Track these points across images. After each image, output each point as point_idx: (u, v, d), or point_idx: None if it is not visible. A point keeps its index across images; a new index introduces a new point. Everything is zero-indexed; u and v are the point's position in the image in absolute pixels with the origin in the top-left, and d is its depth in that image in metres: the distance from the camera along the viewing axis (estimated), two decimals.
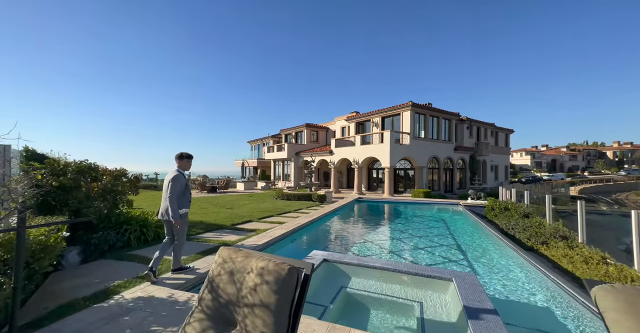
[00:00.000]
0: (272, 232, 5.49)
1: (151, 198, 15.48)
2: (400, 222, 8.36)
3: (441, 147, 18.04)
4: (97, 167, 4.71)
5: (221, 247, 1.41)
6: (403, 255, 5.02)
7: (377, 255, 5.07)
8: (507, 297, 3.47)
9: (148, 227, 5.00)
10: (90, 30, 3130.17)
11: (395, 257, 4.90)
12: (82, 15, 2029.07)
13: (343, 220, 8.64)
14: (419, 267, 3.48)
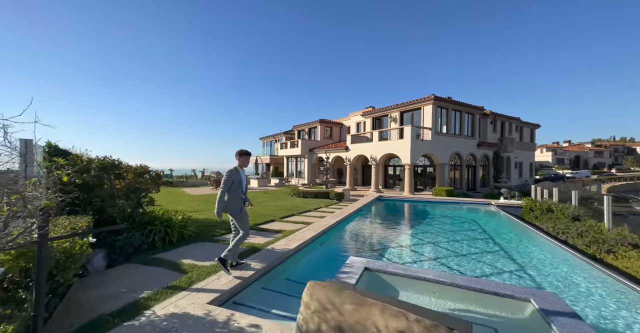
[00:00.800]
0: (301, 234, 5.12)
1: (168, 194, 15.53)
2: (430, 224, 7.82)
3: (464, 143, 17.16)
4: (121, 163, 4.46)
5: (309, 283, 1.00)
6: (446, 263, 4.54)
7: (417, 262, 4.61)
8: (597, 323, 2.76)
9: (172, 227, 4.74)
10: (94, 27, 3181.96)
11: (438, 266, 4.42)
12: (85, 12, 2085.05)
13: (369, 220, 8.18)
14: (483, 282, 3.00)
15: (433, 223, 7.82)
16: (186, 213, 8.48)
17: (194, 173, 30.51)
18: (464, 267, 4.33)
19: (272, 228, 6.10)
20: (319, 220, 6.97)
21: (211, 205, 10.41)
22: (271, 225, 6.59)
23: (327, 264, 4.53)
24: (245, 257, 3.87)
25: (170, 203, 11.46)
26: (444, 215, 9.16)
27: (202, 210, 9.05)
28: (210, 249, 4.42)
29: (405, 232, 6.79)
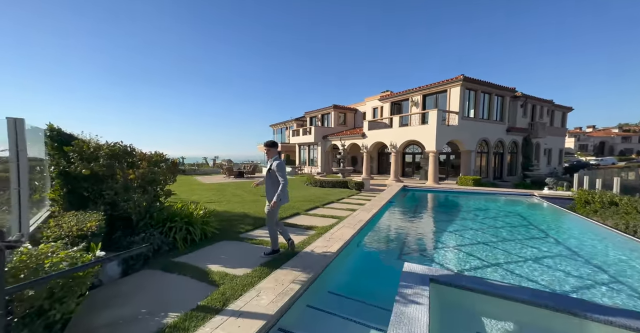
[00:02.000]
0: (338, 232, 4.46)
1: (181, 183, 15.17)
2: (470, 218, 7.04)
3: (492, 128, 15.87)
4: (134, 150, 3.81)
5: None
6: (513, 270, 3.81)
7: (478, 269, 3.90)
8: None
9: (194, 224, 4.16)
10: None
11: (508, 275, 3.70)
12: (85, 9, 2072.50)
13: (402, 214, 7.44)
14: (615, 310, 2.25)
15: (473, 218, 7.03)
16: (203, 205, 8.08)
17: (206, 161, 30.31)
18: (539, 278, 3.60)
19: (301, 223, 5.48)
20: (349, 214, 6.31)
21: (227, 195, 9.92)
22: (298, 219, 5.97)
23: (376, 271, 3.89)
24: (283, 263, 3.25)
25: (184, 193, 11.06)
26: (481, 208, 8.34)
27: (219, 201, 8.55)
28: (238, 250, 3.83)
29: (447, 229, 6.05)
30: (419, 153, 18.94)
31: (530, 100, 18.01)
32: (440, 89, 15.21)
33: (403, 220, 6.82)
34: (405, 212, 7.78)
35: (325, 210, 7.23)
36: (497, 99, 16.08)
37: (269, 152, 3.50)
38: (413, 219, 6.97)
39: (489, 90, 15.33)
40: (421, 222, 6.79)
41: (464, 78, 13.71)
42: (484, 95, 15.41)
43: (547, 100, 19.16)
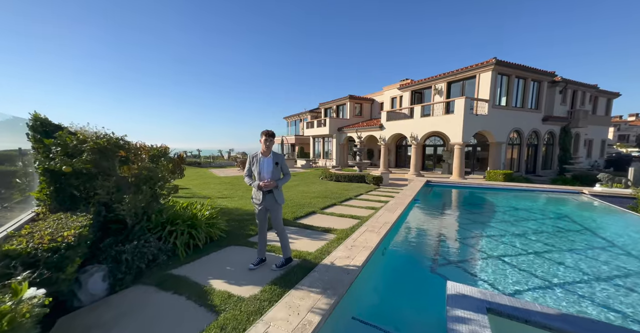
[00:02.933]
0: (361, 238, 3.83)
1: (196, 175, 15.10)
2: (510, 221, 6.16)
3: (526, 118, 14.35)
4: (127, 143, 3.32)
5: None
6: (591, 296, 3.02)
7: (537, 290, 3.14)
8: None
9: (198, 227, 3.68)
10: None
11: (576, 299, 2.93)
12: None
13: (430, 215, 6.64)
14: None
15: (514, 221, 6.14)
16: (214, 201, 7.69)
17: (221, 154, 30.52)
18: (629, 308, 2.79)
19: (317, 224, 4.90)
20: (370, 214, 5.64)
21: (240, 190, 9.54)
22: (314, 219, 5.39)
23: (408, 288, 3.23)
24: (299, 281, 2.67)
25: (198, 186, 10.84)
26: (520, 208, 7.37)
27: (231, 197, 8.15)
28: (247, 258, 3.31)
29: (485, 233, 5.25)
30: (441, 145, 17.72)
31: (571, 86, 16.11)
32: (467, 74, 13.83)
33: (432, 221, 6.06)
34: (433, 212, 6.99)
35: (343, 208, 6.60)
36: (533, 85, 14.45)
37: (271, 144, 3.00)
38: (443, 221, 6.18)
39: (524, 75, 13.75)
40: (453, 224, 6.00)
41: (496, 61, 12.30)
42: (518, 80, 13.86)
43: (590, 85, 17.09)
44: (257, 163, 2.98)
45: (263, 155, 2.99)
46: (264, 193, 2.97)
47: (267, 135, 2.93)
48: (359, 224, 4.82)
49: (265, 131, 2.97)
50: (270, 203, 3.02)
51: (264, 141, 2.94)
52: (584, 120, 15.95)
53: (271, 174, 2.95)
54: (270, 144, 2.99)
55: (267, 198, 3.00)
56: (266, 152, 2.99)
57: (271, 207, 3.03)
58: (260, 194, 2.98)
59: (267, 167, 2.97)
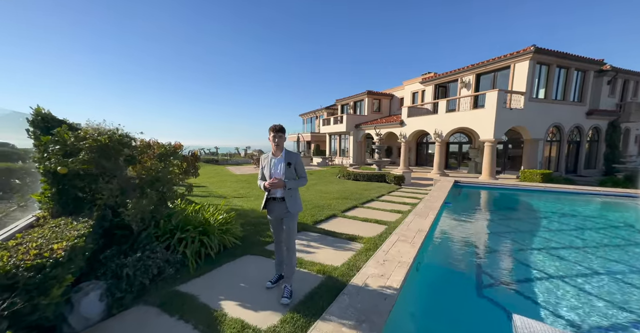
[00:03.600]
0: (394, 250, 3.29)
1: (213, 173, 15.08)
2: (559, 229, 5.35)
3: (568, 111, 12.94)
4: (132, 140, 2.98)
5: None
6: None
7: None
8: None
9: (210, 233, 3.31)
10: None
11: None
12: None
13: (465, 221, 5.87)
14: None
15: (567, 230, 5.30)
16: (230, 200, 7.41)
17: (237, 152, 30.82)
18: None
19: (340, 230, 4.40)
20: (397, 218, 5.07)
21: (256, 190, 9.24)
22: (335, 224, 4.91)
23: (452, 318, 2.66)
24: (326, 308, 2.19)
25: (214, 184, 10.72)
26: (569, 214, 6.46)
27: (247, 196, 7.85)
28: (264, 272, 2.89)
29: (535, 245, 4.51)
30: (466, 142, 16.56)
31: (622, 75, 14.33)
32: (500, 65, 12.64)
33: (468, 229, 5.37)
34: (469, 218, 6.26)
35: (366, 211, 6.06)
36: (577, 75, 12.97)
37: (281, 141, 2.51)
38: (481, 228, 5.48)
39: (567, 64, 12.34)
40: (493, 233, 5.27)
41: (535, 49, 11.07)
42: (559, 70, 12.47)
43: None
44: (267, 165, 2.53)
45: (274, 156, 2.52)
46: (273, 200, 2.50)
47: (275, 131, 2.43)
48: (387, 232, 4.27)
49: (273, 126, 2.46)
50: (281, 212, 2.49)
51: (272, 138, 2.46)
52: (637, 113, 14.15)
53: (283, 177, 2.48)
54: (281, 141, 2.48)
55: (277, 207, 2.49)
56: (277, 151, 2.51)
57: (284, 216, 2.52)
58: (269, 199, 2.51)
59: (278, 169, 2.49)
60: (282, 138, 2.48)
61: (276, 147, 2.47)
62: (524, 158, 12.68)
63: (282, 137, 2.49)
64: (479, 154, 15.41)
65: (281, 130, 2.48)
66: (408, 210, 5.99)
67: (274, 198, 2.49)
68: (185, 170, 5.10)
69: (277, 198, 2.48)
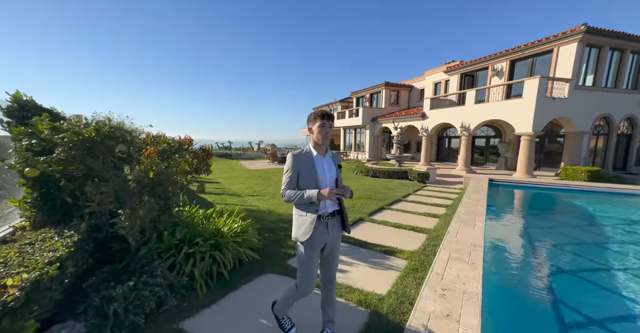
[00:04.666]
0: (451, 272, 2.58)
1: (227, 168, 14.71)
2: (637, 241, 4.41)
3: (619, 100, 11.44)
4: (127, 133, 2.39)
5: None
6: None
7: None
8: None
9: (223, 247, 2.74)
10: None
11: None
12: None
13: (522, 230, 4.94)
14: None
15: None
16: (244, 199, 6.87)
17: (251, 146, 30.60)
18: None
19: (372, 239, 3.73)
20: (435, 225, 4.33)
21: (271, 187, 8.71)
22: (365, 230, 4.24)
23: None
24: None
25: (228, 180, 10.31)
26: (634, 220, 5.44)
27: (262, 194, 7.32)
28: None
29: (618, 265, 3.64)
30: (493, 136, 15.28)
31: None
32: (540, 49, 11.28)
33: (529, 241, 4.52)
34: (521, 225, 5.38)
35: (395, 214, 5.35)
36: (633, 58, 11.37)
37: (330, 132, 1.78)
38: (541, 240, 4.63)
39: (622, 46, 10.81)
40: (559, 247, 4.38)
41: (587, 29, 9.68)
42: (612, 53, 10.96)
43: None
44: (310, 167, 1.72)
45: (319, 153, 1.77)
46: (323, 219, 1.70)
47: (327, 118, 1.69)
48: (430, 243, 3.55)
49: (321, 112, 1.71)
50: (334, 235, 1.78)
51: (319, 129, 1.68)
52: None
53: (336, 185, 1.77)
54: (330, 132, 1.76)
55: (330, 228, 1.74)
56: (322, 147, 1.78)
57: (335, 240, 1.80)
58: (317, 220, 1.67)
59: (329, 172, 1.76)
60: (331, 129, 1.74)
61: (324, 140, 1.72)
62: (565, 153, 11.38)
63: (332, 127, 1.75)
64: (510, 149, 14.14)
65: (332, 117, 1.74)
66: (445, 215, 5.23)
67: (324, 216, 1.70)
68: (196, 168, 4.56)
69: (328, 215, 1.72)
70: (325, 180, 1.72)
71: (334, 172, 1.78)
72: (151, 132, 3.51)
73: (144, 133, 3.00)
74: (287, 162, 1.75)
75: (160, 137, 3.19)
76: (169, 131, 3.44)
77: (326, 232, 1.73)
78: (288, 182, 1.72)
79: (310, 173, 1.70)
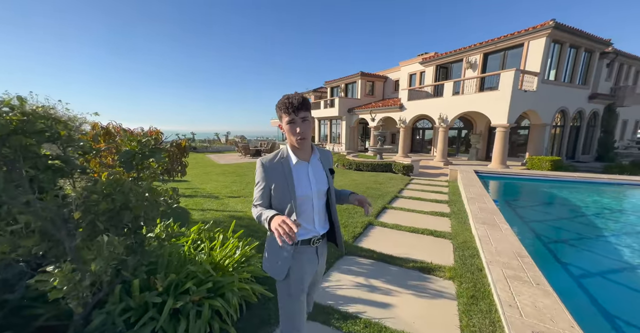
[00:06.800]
0: (523, 301, 2.11)
1: (194, 163, 12.93)
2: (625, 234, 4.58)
3: (573, 95, 12.53)
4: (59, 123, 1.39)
5: None
6: None
7: None
8: None
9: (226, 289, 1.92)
10: None
11: None
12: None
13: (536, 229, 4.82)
14: None
15: (629, 233, 4.56)
16: (224, 203, 5.38)
17: (218, 138, 28.22)
18: None
19: (397, 252, 3.18)
20: (451, 226, 3.96)
21: (251, 182, 7.71)
22: (380, 238, 3.68)
23: None
24: None
25: (198, 178, 8.98)
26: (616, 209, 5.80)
27: (244, 195, 6.36)
28: None
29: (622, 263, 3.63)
30: (463, 128, 15.97)
31: (620, 58, 14.13)
32: (512, 43, 11.70)
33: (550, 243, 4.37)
34: (537, 222, 5.30)
35: (402, 215, 4.92)
36: (585, 56, 12.44)
37: (309, 127, 1.25)
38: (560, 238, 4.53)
39: (579, 43, 11.70)
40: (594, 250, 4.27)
41: (555, 25, 10.17)
42: (570, 50, 11.82)
43: (638, 57, 15.13)
44: (286, 179, 1.24)
45: (300, 159, 1.28)
46: (312, 243, 1.30)
47: (296, 110, 1.16)
48: (465, 254, 3.12)
49: (287, 101, 1.16)
50: (323, 260, 1.44)
51: (289, 126, 1.19)
52: (631, 98, 14.21)
53: (325, 203, 1.37)
54: (308, 129, 1.21)
55: (322, 253, 1.40)
56: (302, 149, 1.27)
57: (322, 269, 1.48)
58: (302, 246, 1.28)
59: (317, 183, 1.30)
60: (309, 122, 1.21)
61: (300, 142, 1.21)
62: (530, 144, 12.22)
63: (309, 118, 1.21)
64: (480, 140, 14.90)
65: (302, 104, 1.17)
66: (453, 213, 4.94)
67: (314, 239, 1.30)
68: (168, 169, 3.50)
69: (320, 238, 1.33)
70: (310, 196, 1.27)
71: (324, 181, 1.33)
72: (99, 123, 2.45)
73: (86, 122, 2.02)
74: (256, 171, 1.30)
75: (123, 131, 2.17)
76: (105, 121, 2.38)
77: (315, 260, 1.34)
78: (258, 197, 1.28)
79: (286, 188, 1.23)
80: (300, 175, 1.27)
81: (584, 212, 5.75)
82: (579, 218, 5.46)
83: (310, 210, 1.29)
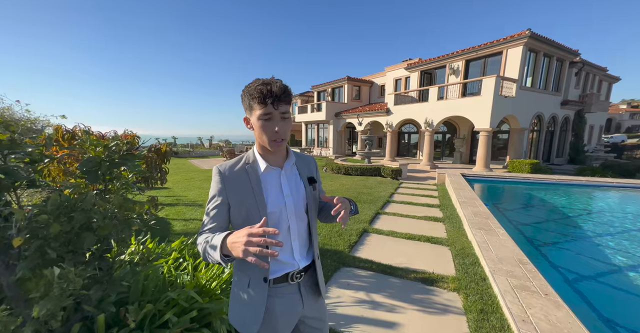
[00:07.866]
0: (535, 315, 2.01)
1: (175, 168, 12.26)
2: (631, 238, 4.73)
3: (548, 101, 13.24)
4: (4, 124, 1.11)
5: None
6: None
7: None
8: None
9: (215, 315, 1.65)
10: None
11: None
12: None
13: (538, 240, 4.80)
14: None
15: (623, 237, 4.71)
16: None
17: (201, 142, 27.25)
18: None
19: (397, 261, 3.02)
20: (446, 231, 3.88)
21: None
22: (377, 246, 3.52)
23: None
24: None
25: (180, 185, 8.46)
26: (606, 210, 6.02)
27: None
28: None
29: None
30: (447, 132, 16.43)
31: (587, 68, 15.18)
32: (492, 50, 12.21)
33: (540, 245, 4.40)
34: (525, 226, 5.34)
35: (395, 220, 4.81)
36: (557, 64, 13.22)
37: (288, 124, 0.92)
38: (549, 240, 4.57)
39: (552, 52, 12.42)
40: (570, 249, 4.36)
41: (530, 34, 10.72)
42: (545, 58, 12.51)
43: (601, 67, 16.34)
44: (252, 191, 0.92)
45: (270, 164, 0.96)
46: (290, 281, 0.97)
47: (276, 100, 0.83)
48: (466, 262, 3.01)
49: (259, 88, 0.83)
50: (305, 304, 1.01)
51: (262, 123, 0.87)
52: (597, 104, 15.26)
53: (309, 217, 1.02)
54: (287, 126, 0.90)
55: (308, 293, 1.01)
56: (275, 153, 0.98)
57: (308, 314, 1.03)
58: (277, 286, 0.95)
59: (294, 194, 0.98)
60: (289, 119, 0.91)
61: (274, 145, 0.90)
62: (511, 147, 12.71)
63: (289, 114, 0.91)
64: (464, 144, 15.35)
65: (285, 95, 0.86)
66: (446, 217, 4.89)
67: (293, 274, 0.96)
68: (146, 177, 3.18)
69: (301, 272, 0.98)
70: (284, 214, 0.95)
71: (300, 194, 0.99)
72: (63, 125, 2.13)
73: (49, 126, 1.73)
74: (212, 182, 0.97)
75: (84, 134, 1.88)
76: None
77: (299, 302, 0.98)
78: (210, 220, 0.92)
79: (253, 204, 0.91)
80: (271, 186, 0.96)
81: (568, 213, 5.92)
82: (565, 219, 5.60)
83: (286, 234, 0.96)
